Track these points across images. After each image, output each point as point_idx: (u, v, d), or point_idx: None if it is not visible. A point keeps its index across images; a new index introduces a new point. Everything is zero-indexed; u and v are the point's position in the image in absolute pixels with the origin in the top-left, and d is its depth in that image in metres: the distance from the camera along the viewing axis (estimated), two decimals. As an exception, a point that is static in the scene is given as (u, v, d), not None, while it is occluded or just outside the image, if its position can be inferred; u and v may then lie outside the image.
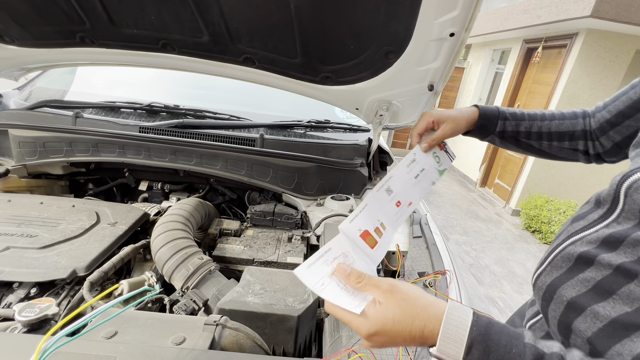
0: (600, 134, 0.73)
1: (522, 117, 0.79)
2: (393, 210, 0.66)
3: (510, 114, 0.80)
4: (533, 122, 0.78)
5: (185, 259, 0.89)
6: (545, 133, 0.78)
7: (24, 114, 1.47)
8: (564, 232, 0.56)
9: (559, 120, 0.78)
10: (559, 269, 0.51)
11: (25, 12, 1.13)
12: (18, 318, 0.62)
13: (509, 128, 0.78)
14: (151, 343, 0.59)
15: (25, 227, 0.97)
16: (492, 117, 0.79)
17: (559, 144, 0.78)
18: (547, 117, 0.78)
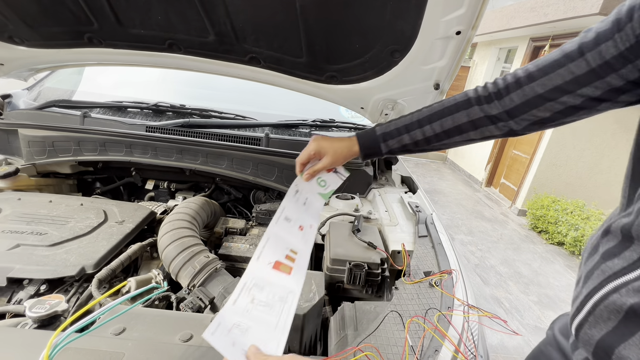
0: (525, 110, 0.63)
1: (400, 132, 0.75)
2: (298, 234, 0.71)
3: (388, 133, 0.76)
4: (414, 132, 0.73)
5: (192, 257, 0.90)
6: (433, 136, 0.72)
7: (33, 113, 1.49)
8: (597, 271, 0.49)
9: (451, 115, 0.70)
10: (606, 321, 0.46)
11: (35, 13, 1.15)
12: (29, 314, 0.63)
13: (395, 146, 0.76)
14: (159, 340, 0.60)
15: (35, 225, 0.99)
16: (372, 145, 0.77)
17: (461, 137, 0.71)
18: (427, 120, 0.72)
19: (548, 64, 0.59)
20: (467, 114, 0.69)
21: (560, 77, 0.57)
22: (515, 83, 0.63)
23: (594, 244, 0.55)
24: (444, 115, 0.70)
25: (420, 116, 0.73)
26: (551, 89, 0.58)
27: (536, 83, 0.60)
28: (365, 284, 0.97)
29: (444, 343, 0.62)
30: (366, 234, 1.12)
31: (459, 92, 0.77)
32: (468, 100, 0.69)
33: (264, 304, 0.54)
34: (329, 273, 0.98)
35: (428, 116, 0.72)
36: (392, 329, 0.68)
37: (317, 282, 0.89)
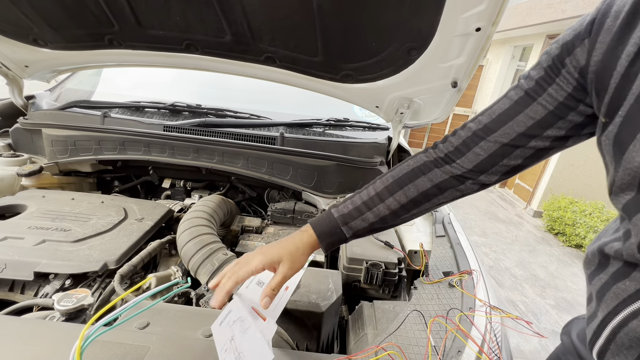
0: (496, 161, 0.60)
1: (361, 211, 0.65)
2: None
3: (347, 214, 0.65)
4: (377, 208, 0.64)
5: (211, 255, 0.91)
6: (399, 208, 0.64)
7: (55, 114, 1.53)
8: (609, 293, 0.48)
9: (408, 184, 0.63)
10: (629, 349, 0.45)
11: (59, 16, 1.18)
12: (57, 307, 0.65)
13: (360, 226, 0.65)
14: (182, 334, 0.61)
15: (59, 221, 1.02)
16: (333, 232, 0.65)
17: (430, 204, 0.65)
18: (387, 192, 0.64)
19: (502, 112, 0.58)
20: (428, 179, 0.63)
21: (521, 124, 0.56)
22: (474, 137, 0.60)
23: (596, 265, 0.54)
24: (403, 184, 0.64)
25: (377, 189, 0.65)
26: (516, 137, 0.57)
27: (498, 134, 0.58)
28: (382, 284, 0.97)
29: (467, 343, 0.61)
30: (382, 234, 1.12)
31: (472, 91, 0.71)
32: (424, 164, 0.64)
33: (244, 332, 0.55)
34: (346, 272, 0.98)
35: (386, 188, 0.64)
36: (413, 329, 0.67)
37: (335, 281, 0.89)
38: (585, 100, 0.52)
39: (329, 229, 0.65)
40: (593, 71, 0.48)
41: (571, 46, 0.51)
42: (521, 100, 0.56)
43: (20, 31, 1.27)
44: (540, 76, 0.54)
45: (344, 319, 0.95)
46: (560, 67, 0.52)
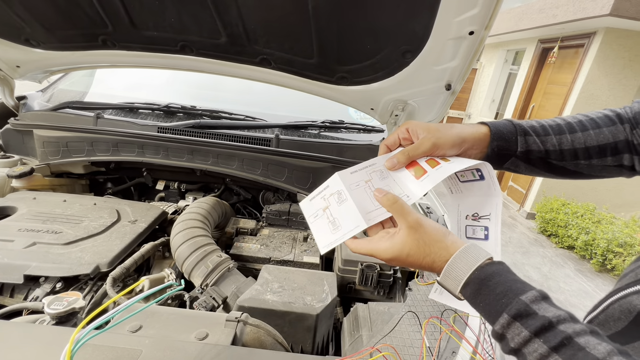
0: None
1: (546, 131, 0.59)
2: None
3: (530, 127, 0.60)
4: (562, 137, 0.58)
5: (205, 257, 0.90)
6: (581, 149, 0.58)
7: (47, 114, 1.51)
8: (631, 273, 0.47)
9: (594, 129, 0.59)
10: (617, 321, 0.44)
11: (51, 16, 1.17)
12: (47, 310, 0.64)
13: (534, 147, 0.58)
14: (175, 338, 0.60)
15: (50, 223, 1.00)
16: (508, 135, 0.58)
17: (600, 161, 0.59)
18: (577, 128, 0.59)
19: None
20: (611, 133, 0.58)
21: None
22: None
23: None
24: (591, 127, 0.59)
25: (568, 120, 0.60)
26: None
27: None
28: (377, 285, 0.97)
29: (461, 344, 0.62)
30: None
31: (466, 94, 0.65)
32: (618, 115, 0.59)
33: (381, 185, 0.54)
34: (341, 274, 0.98)
35: (580, 122, 0.59)
36: (407, 330, 0.67)
37: (330, 282, 0.89)
38: None
39: (504, 132, 0.58)
40: None
41: None
42: None
43: (12, 31, 1.26)
44: None
45: (339, 320, 0.95)
46: None
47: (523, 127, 0.59)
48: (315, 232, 0.54)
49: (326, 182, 0.56)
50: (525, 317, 0.37)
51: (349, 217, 0.52)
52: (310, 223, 0.55)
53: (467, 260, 0.44)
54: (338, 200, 0.54)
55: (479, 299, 0.42)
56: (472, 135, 0.56)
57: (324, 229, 0.53)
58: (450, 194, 0.62)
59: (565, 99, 4.70)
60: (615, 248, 3.61)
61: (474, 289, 0.42)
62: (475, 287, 0.42)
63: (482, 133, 0.57)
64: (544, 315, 0.37)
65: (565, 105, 4.70)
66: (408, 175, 0.55)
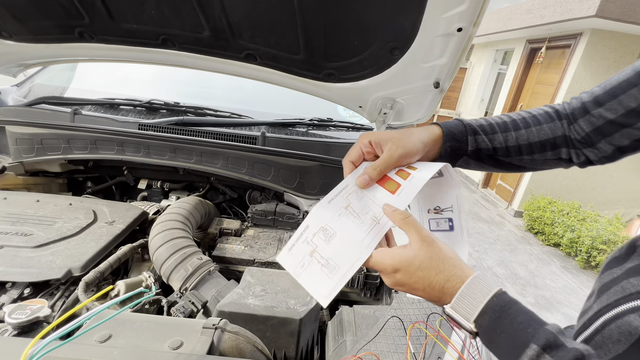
0: (598, 139, 0.57)
1: (494, 129, 0.61)
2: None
3: (479, 126, 0.62)
4: (507, 134, 0.61)
5: (184, 259, 0.86)
6: (525, 145, 0.61)
7: (21, 110, 1.44)
8: (616, 287, 0.45)
9: (535, 126, 0.62)
10: (616, 344, 0.41)
11: (23, 6, 1.11)
12: (8, 320, 0.59)
13: (483, 145, 0.61)
14: (147, 347, 0.57)
15: (20, 225, 0.95)
16: (459, 135, 0.60)
17: (541, 156, 0.62)
18: (521, 125, 0.62)
19: (617, 83, 0.53)
20: (551, 129, 0.61)
21: (636, 99, 0.50)
22: (582, 108, 0.57)
23: (616, 256, 0.51)
24: (534, 124, 0.61)
25: (513, 118, 0.62)
26: (625, 114, 0.52)
27: (605, 107, 0.54)
28: (364, 287, 0.95)
29: (447, 350, 0.60)
30: (364, 236, 1.10)
31: (456, 93, 0.67)
32: (556, 112, 0.62)
33: (357, 214, 0.50)
34: (327, 276, 0.95)
35: (523, 119, 0.62)
36: (392, 335, 0.65)
37: (314, 285, 0.87)
38: None
39: (456, 132, 0.59)
40: None
41: None
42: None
43: (-20, 21, 1.19)
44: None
45: (325, 323, 0.92)
46: None
47: (473, 126, 0.61)
48: (308, 284, 0.48)
49: (304, 223, 0.51)
50: (555, 348, 0.35)
51: (344, 252, 0.47)
52: (298, 276, 0.48)
53: (484, 284, 0.42)
54: (325, 238, 0.49)
55: (499, 329, 0.38)
56: (429, 139, 0.58)
57: (318, 276, 0.47)
58: None
59: (552, 99, 4.77)
60: (600, 245, 3.69)
61: (493, 317, 0.39)
62: (494, 315, 0.39)
63: (437, 135, 0.59)
64: (575, 347, 0.35)
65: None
66: (383, 192, 0.53)
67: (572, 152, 0.62)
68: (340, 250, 0.48)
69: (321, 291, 0.46)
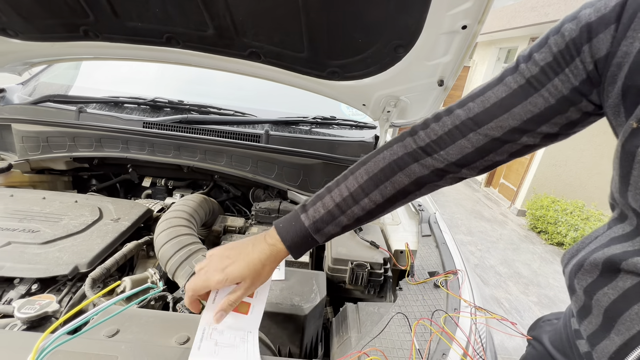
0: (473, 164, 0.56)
1: (334, 215, 0.58)
2: None
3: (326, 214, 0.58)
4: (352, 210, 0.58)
5: (189, 256, 0.87)
6: (375, 208, 0.58)
7: (27, 108, 1.45)
8: (630, 314, 0.44)
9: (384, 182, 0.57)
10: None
11: (29, 4, 1.12)
12: (17, 315, 0.60)
13: (333, 231, 0.59)
14: (154, 342, 0.57)
15: (27, 222, 0.96)
16: (304, 241, 0.58)
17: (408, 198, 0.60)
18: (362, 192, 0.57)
19: (497, 102, 0.51)
20: (406, 175, 0.56)
21: (517, 117, 0.49)
22: (462, 127, 0.53)
23: (594, 273, 0.49)
24: (379, 182, 0.57)
25: (350, 189, 0.58)
26: (509, 131, 0.50)
27: (489, 126, 0.51)
28: (368, 284, 0.95)
29: (452, 346, 0.60)
30: (368, 233, 1.10)
31: (458, 91, 0.66)
32: (402, 158, 0.57)
33: (227, 345, 0.55)
34: (331, 273, 0.95)
35: (361, 187, 0.57)
36: (397, 332, 0.65)
37: (319, 282, 0.87)
38: (590, 95, 0.45)
39: (300, 239, 0.58)
40: (617, 64, 0.40)
41: (593, 31, 0.42)
42: (521, 89, 0.49)
43: (-14, 20, 1.20)
44: (547, 62, 0.47)
45: (329, 320, 0.93)
46: (575, 55, 0.44)
47: (314, 223, 0.58)
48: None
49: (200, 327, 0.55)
50: None
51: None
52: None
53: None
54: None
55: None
56: (275, 259, 0.58)
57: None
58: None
59: (556, 98, 4.74)
60: (603, 245, 3.66)
61: None
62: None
63: (282, 251, 0.58)
64: None
65: (556, 103, 4.74)
66: (238, 317, 0.59)
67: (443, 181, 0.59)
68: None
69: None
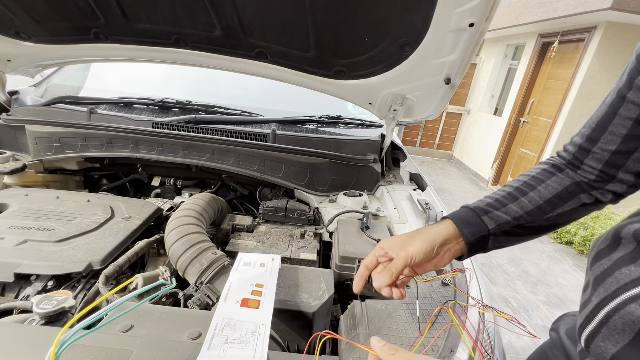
0: (613, 171, 0.58)
1: (503, 203, 0.62)
2: (260, 270, 0.79)
3: (487, 205, 0.63)
4: (519, 202, 0.62)
5: (199, 254, 0.88)
6: (542, 205, 0.61)
7: (40, 110, 1.49)
8: (610, 278, 0.47)
9: (540, 185, 0.62)
10: (621, 333, 0.43)
11: (41, 8, 1.14)
12: (36, 310, 0.62)
13: (502, 220, 0.61)
14: (167, 337, 0.59)
15: (42, 220, 0.98)
16: (472, 219, 0.61)
17: (563, 208, 0.62)
18: (526, 189, 0.63)
19: (600, 118, 0.56)
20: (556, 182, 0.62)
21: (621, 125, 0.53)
22: (581, 150, 0.60)
23: (602, 248, 0.52)
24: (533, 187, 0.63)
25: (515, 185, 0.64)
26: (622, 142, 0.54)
27: (601, 142, 0.56)
28: (375, 282, 0.95)
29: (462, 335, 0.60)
30: (375, 232, 1.10)
31: (465, 89, 0.67)
32: (553, 165, 0.65)
33: (238, 340, 0.57)
34: (338, 271, 0.96)
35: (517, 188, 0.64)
36: (405, 328, 0.66)
37: (326, 279, 0.88)
38: None
39: (467, 217, 0.61)
40: None
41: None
42: (613, 102, 0.55)
43: (1, 24, 1.23)
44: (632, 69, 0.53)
45: (337, 317, 0.93)
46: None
47: (481, 207, 0.62)
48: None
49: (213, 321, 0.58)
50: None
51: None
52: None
53: None
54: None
55: None
56: (439, 234, 0.60)
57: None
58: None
59: (565, 94, 4.68)
60: (614, 243, 3.61)
61: None
62: None
63: (449, 228, 0.61)
64: None
65: (565, 100, 4.68)
66: (249, 312, 0.63)
67: (595, 194, 0.62)
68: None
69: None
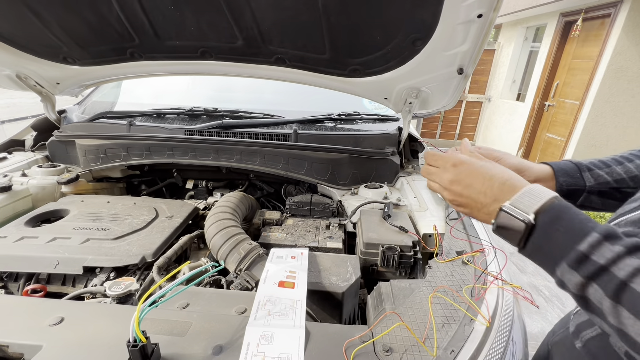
0: None
1: (607, 164, 0.61)
2: (292, 261, 0.88)
3: (590, 163, 0.62)
4: (623, 166, 0.60)
5: (237, 245, 0.98)
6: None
7: (86, 125, 1.65)
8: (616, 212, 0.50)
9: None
10: None
11: (86, 34, 1.29)
12: (109, 293, 0.74)
13: (602, 179, 0.60)
14: (218, 312, 0.68)
15: (99, 222, 1.12)
16: (571, 172, 0.61)
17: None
18: (632, 158, 0.61)
19: None
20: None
21: None
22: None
23: None
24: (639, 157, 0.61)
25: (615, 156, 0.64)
26: None
27: None
28: (399, 266, 1.02)
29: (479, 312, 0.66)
30: (397, 220, 1.16)
31: (484, 76, 0.67)
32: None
33: (279, 313, 0.66)
34: (363, 257, 1.03)
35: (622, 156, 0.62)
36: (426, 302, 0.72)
37: (353, 264, 0.95)
38: None
39: (568, 169, 0.61)
40: None
41: None
42: None
43: (51, 51, 1.39)
44: None
45: (364, 301, 1.00)
46: None
47: (584, 164, 0.62)
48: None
49: (245, 341, 0.61)
50: (614, 238, 0.39)
51: (285, 340, 0.60)
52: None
53: (544, 189, 0.46)
54: (266, 342, 0.60)
55: (558, 224, 0.42)
56: (532, 168, 0.62)
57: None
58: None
59: (592, 74, 4.47)
60: None
61: (553, 214, 0.43)
62: (555, 213, 0.43)
63: (545, 170, 0.62)
64: (634, 239, 0.38)
65: (593, 80, 4.47)
66: (286, 291, 0.73)
67: None
68: (281, 342, 0.59)
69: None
